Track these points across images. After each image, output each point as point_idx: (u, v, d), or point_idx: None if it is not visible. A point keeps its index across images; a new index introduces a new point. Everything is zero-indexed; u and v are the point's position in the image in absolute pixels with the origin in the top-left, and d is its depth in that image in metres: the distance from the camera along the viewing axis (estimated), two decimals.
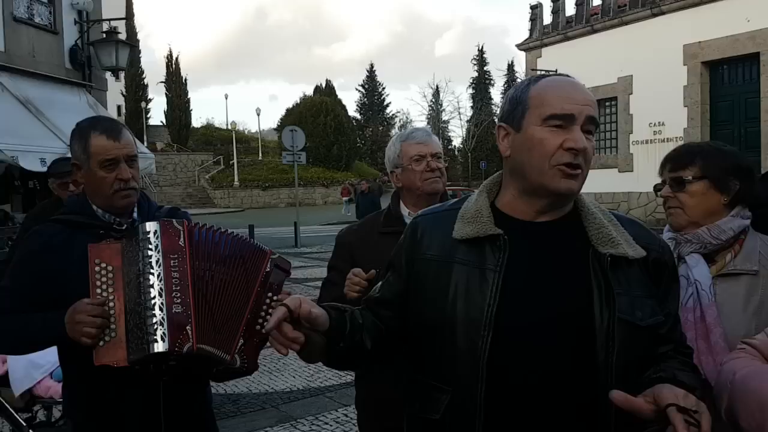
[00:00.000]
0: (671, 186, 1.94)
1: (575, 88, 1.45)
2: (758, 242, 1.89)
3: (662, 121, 16.25)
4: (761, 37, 14.28)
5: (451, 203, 1.66)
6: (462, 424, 1.41)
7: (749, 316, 1.78)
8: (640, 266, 1.45)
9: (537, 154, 1.42)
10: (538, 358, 1.38)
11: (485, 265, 1.44)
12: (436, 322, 1.47)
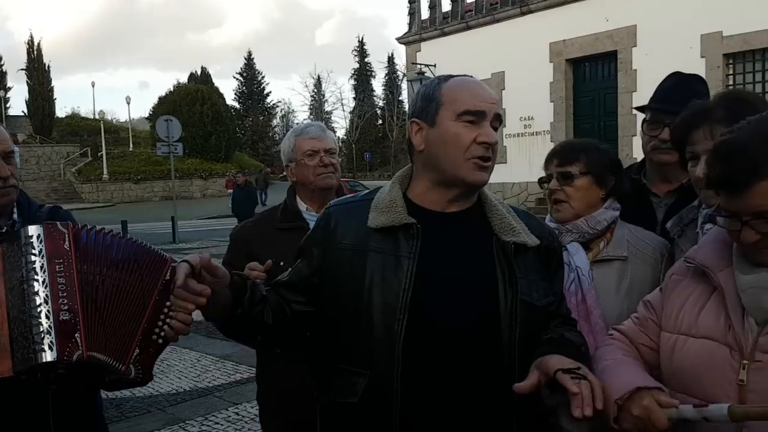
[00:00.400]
0: (558, 180, 2.06)
1: (483, 88, 1.59)
2: (626, 231, 2.08)
3: (531, 116, 17.20)
4: (618, 36, 15.40)
5: (364, 194, 1.73)
6: (379, 405, 1.48)
7: (621, 298, 1.96)
8: (534, 253, 1.60)
9: (452, 148, 1.53)
10: (450, 339, 1.49)
11: (400, 253, 1.53)
12: (352, 309, 1.54)
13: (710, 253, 1.45)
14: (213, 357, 6.35)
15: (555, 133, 16.70)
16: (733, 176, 1.26)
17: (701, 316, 1.42)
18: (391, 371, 1.47)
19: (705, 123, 1.78)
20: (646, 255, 2.03)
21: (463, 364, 1.49)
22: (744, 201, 1.25)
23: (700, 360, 1.36)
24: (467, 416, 1.49)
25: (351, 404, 1.52)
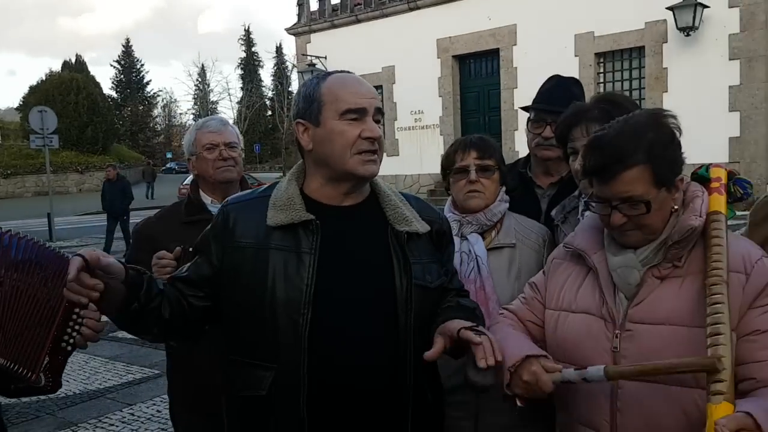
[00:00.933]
0: (478, 171, 2.17)
1: (361, 84, 1.65)
2: (513, 220, 2.27)
3: (421, 110, 17.66)
4: (500, 35, 16.12)
5: (260, 191, 1.76)
6: (287, 397, 1.55)
7: (512, 282, 2.15)
8: (427, 237, 1.72)
9: (339, 145, 1.59)
10: (352, 328, 1.58)
11: (301, 249, 1.59)
12: (256, 306, 1.58)
13: (585, 238, 1.65)
14: (102, 358, 6.11)
15: (444, 127, 17.23)
16: (604, 166, 1.45)
17: (579, 293, 1.61)
18: (297, 364, 1.54)
19: (582, 122, 2.00)
20: (531, 241, 2.23)
21: (365, 350, 1.58)
22: (613, 187, 1.45)
23: (580, 332, 1.56)
24: (369, 401, 1.59)
25: (259, 397, 1.58)
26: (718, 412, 1.22)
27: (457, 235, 2.21)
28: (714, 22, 13.12)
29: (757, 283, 1.41)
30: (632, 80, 14.61)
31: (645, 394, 1.44)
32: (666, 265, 1.49)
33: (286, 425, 1.56)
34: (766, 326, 1.39)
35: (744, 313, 1.40)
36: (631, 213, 1.45)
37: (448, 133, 17.07)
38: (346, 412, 1.58)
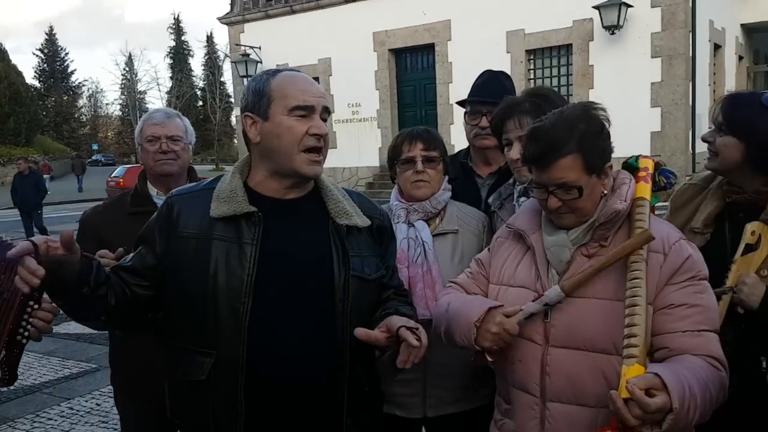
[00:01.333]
0: (424, 162, 2.29)
1: (310, 83, 1.73)
2: (455, 208, 2.41)
3: (359, 102, 17.71)
4: (435, 30, 16.34)
5: (205, 184, 1.82)
6: (226, 382, 1.62)
7: (456, 266, 2.28)
8: (367, 231, 1.81)
9: (287, 140, 1.66)
10: (291, 316, 1.66)
11: (242, 240, 1.65)
12: (198, 294, 1.64)
13: (525, 220, 1.81)
14: (36, 354, 5.95)
15: (381, 120, 17.35)
16: (541, 154, 1.60)
17: (518, 269, 1.77)
18: (237, 351, 1.60)
19: (515, 115, 2.15)
20: (472, 227, 2.38)
21: (303, 338, 1.66)
22: (549, 174, 1.60)
23: (517, 304, 1.69)
24: (306, 388, 1.67)
25: (198, 381, 1.64)
26: (630, 373, 1.37)
27: (404, 222, 2.34)
28: (637, 21, 13.74)
29: (673, 263, 1.58)
30: (560, 77, 15.13)
31: (570, 360, 1.60)
32: (593, 244, 1.65)
33: (224, 409, 1.62)
34: (680, 301, 1.55)
35: (661, 289, 1.56)
36: (565, 197, 1.60)
37: (385, 126, 17.22)
38: (283, 398, 1.65)
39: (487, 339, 1.62)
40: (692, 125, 13.85)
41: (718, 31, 15.78)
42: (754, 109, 1.91)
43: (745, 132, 1.90)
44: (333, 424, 1.71)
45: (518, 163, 2.14)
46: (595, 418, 1.56)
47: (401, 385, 2.28)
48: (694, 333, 1.52)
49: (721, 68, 16.60)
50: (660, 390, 1.33)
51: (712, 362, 1.50)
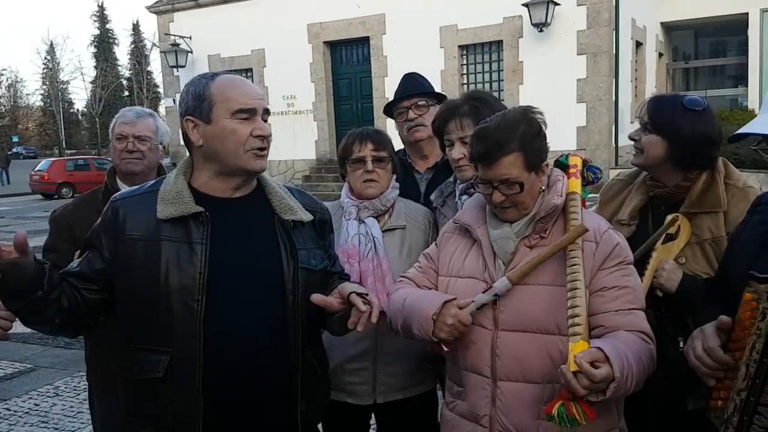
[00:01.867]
0: (374, 162, 2.40)
1: (250, 86, 1.80)
2: (402, 204, 2.54)
3: (294, 95, 17.59)
4: (370, 23, 16.38)
5: (148, 186, 1.86)
6: (184, 377, 1.68)
7: (404, 260, 2.42)
8: (310, 225, 1.91)
9: (232, 143, 1.73)
10: (245, 310, 1.74)
11: (192, 239, 1.72)
12: (150, 295, 1.69)
13: (471, 215, 1.96)
14: None
15: (317, 113, 17.29)
16: (487, 152, 1.76)
17: (466, 261, 1.92)
18: (193, 348, 1.66)
19: (456, 117, 2.30)
20: (419, 223, 2.51)
21: (257, 330, 1.74)
22: (494, 171, 1.76)
23: (467, 293, 1.84)
24: (262, 377, 1.75)
25: (155, 379, 1.69)
26: (577, 349, 1.55)
27: (355, 219, 2.45)
28: (564, 18, 14.22)
29: (604, 250, 1.77)
30: (492, 72, 15.51)
31: (518, 342, 1.77)
32: (534, 236, 1.82)
33: (182, 404, 1.68)
34: (611, 284, 1.75)
35: (594, 274, 1.75)
36: (508, 192, 1.77)
37: (321, 118, 17.20)
38: (239, 389, 1.72)
39: (443, 330, 1.76)
40: (615, 120, 14.49)
41: (639, 29, 16.52)
42: (677, 109, 2.07)
43: (669, 131, 2.07)
44: (288, 409, 1.81)
45: (460, 163, 2.29)
46: (541, 393, 1.74)
47: (352, 373, 2.40)
48: (625, 312, 1.72)
49: (642, 65, 17.41)
50: (603, 362, 1.50)
51: (643, 336, 1.70)
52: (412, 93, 2.85)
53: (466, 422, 1.87)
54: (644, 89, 17.59)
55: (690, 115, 2.06)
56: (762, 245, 1.59)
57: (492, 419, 1.80)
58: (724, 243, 2.01)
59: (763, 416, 1.37)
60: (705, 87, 22.15)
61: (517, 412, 1.76)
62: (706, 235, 2.06)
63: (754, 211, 1.72)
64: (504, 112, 1.83)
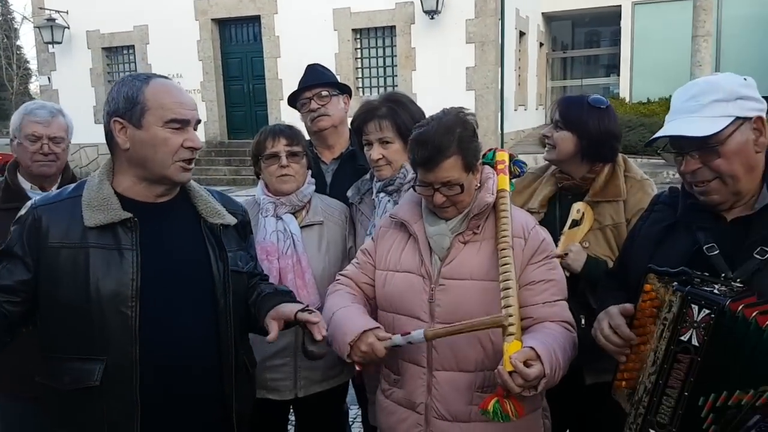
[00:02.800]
0: (288, 157, 2.44)
1: (185, 95, 1.78)
2: (318, 200, 2.59)
3: (180, 74, 16.83)
4: (261, 2, 15.90)
5: (69, 191, 1.80)
6: (120, 384, 1.68)
7: (323, 255, 2.48)
8: (233, 228, 1.94)
9: (162, 151, 1.71)
10: (178, 314, 1.75)
11: (121, 246, 1.70)
12: (81, 304, 1.66)
13: (407, 211, 2.04)
14: None
15: (206, 92, 16.69)
16: (429, 157, 1.82)
17: (403, 256, 1.99)
18: (128, 354, 1.67)
19: (374, 119, 2.38)
20: (335, 218, 2.57)
21: (191, 334, 1.76)
22: (435, 174, 1.84)
23: (404, 287, 1.94)
24: (197, 378, 1.78)
25: (90, 388, 1.67)
26: (511, 349, 1.67)
27: (272, 216, 2.46)
28: (454, 7, 14.53)
29: (532, 246, 1.91)
30: (386, 57, 15.61)
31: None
32: (468, 232, 1.92)
33: (118, 411, 1.68)
34: (539, 278, 1.89)
35: (524, 269, 1.88)
36: (449, 194, 1.86)
37: (210, 99, 16.65)
38: (176, 393, 1.74)
39: (357, 355, 1.83)
40: (501, 108, 15.12)
41: (522, 19, 17.23)
42: (584, 107, 2.33)
43: (578, 127, 2.31)
44: (223, 408, 1.83)
45: (379, 163, 2.36)
46: (474, 380, 1.86)
47: (273, 370, 2.43)
48: (551, 303, 1.88)
49: (525, 54, 18.22)
50: (535, 360, 1.64)
51: (567, 326, 1.86)
52: (313, 83, 2.87)
53: (403, 409, 1.97)
54: (527, 77, 18.47)
55: (595, 113, 2.31)
56: (658, 242, 1.78)
57: (428, 407, 1.91)
58: (623, 228, 2.28)
59: (671, 397, 1.54)
60: (581, 76, 23.62)
61: (451, 399, 1.88)
62: (607, 221, 2.31)
63: (652, 209, 1.91)
64: (439, 117, 1.90)
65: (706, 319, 1.48)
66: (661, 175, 11.19)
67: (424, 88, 14.26)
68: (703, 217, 1.69)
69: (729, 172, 1.61)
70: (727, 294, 1.50)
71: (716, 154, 1.60)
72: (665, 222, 1.80)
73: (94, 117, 17.55)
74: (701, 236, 1.65)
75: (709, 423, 1.48)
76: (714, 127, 1.58)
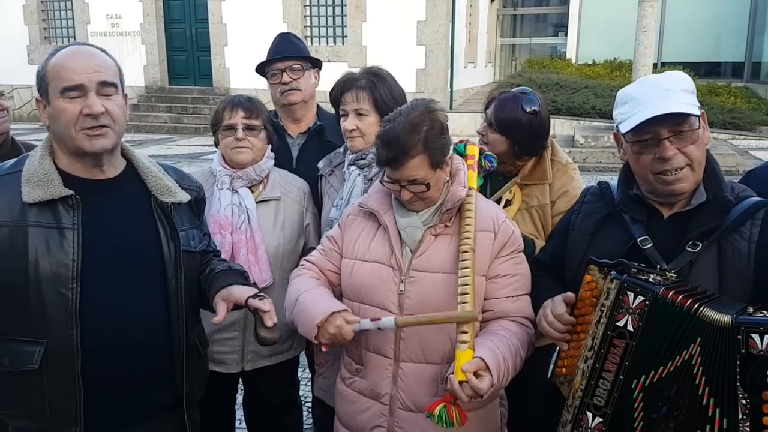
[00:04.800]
0: (245, 130, 2.40)
1: (83, 57, 1.65)
2: (277, 175, 2.55)
3: (119, 14, 16.04)
4: None
5: (8, 166, 1.72)
6: (61, 367, 1.63)
7: (278, 232, 2.46)
8: (187, 205, 1.88)
9: (62, 122, 1.64)
10: (124, 296, 1.70)
11: (62, 225, 1.63)
12: (18, 284, 1.60)
13: (377, 200, 2.01)
14: None
15: (146, 35, 15.95)
16: (394, 158, 1.81)
17: (372, 246, 1.97)
18: (69, 337, 1.61)
19: (353, 89, 2.34)
20: (293, 195, 2.54)
21: (138, 316, 1.71)
22: (401, 173, 1.83)
23: (372, 277, 1.93)
24: (145, 361, 1.73)
25: (30, 371, 1.62)
26: (464, 358, 1.70)
27: (228, 189, 2.42)
28: None
29: (501, 239, 1.92)
30: (336, 6, 15.21)
31: (422, 326, 1.87)
32: (440, 225, 1.91)
33: (61, 395, 1.63)
34: (505, 272, 1.91)
35: (492, 262, 1.90)
36: (416, 191, 1.86)
37: (151, 42, 15.93)
38: (122, 377, 1.69)
39: (324, 337, 1.83)
40: (451, 64, 15.07)
41: None
42: (517, 112, 2.40)
43: (510, 132, 2.42)
44: (174, 393, 1.81)
45: (352, 134, 2.34)
46: (440, 371, 1.87)
47: (221, 343, 2.43)
48: (514, 298, 1.91)
49: (476, 10, 18.10)
50: (485, 370, 1.69)
51: (525, 323, 1.90)
52: (286, 56, 2.81)
53: (365, 399, 1.98)
54: (477, 34, 18.41)
55: (527, 116, 2.40)
56: (592, 234, 1.85)
57: (392, 397, 1.93)
58: (547, 209, 2.44)
59: (607, 380, 1.63)
60: (530, 34, 23.72)
61: (417, 390, 1.90)
62: (534, 202, 2.45)
63: (583, 201, 1.96)
64: (407, 112, 1.87)
65: (640, 305, 1.57)
66: (602, 139, 11.44)
67: (374, 40, 14.06)
68: (640, 210, 1.75)
69: (699, 159, 1.66)
70: (662, 283, 1.59)
71: (692, 139, 1.65)
72: (599, 214, 1.86)
73: (28, 57, 16.64)
74: (636, 229, 1.72)
75: (639, 402, 1.58)
76: (694, 110, 1.63)
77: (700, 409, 1.50)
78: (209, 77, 15.77)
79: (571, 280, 1.85)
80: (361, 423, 1.99)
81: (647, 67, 11.31)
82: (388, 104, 2.28)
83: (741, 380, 1.45)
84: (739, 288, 1.61)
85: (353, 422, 2.03)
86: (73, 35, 16.44)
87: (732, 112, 13.49)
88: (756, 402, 1.44)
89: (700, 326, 1.50)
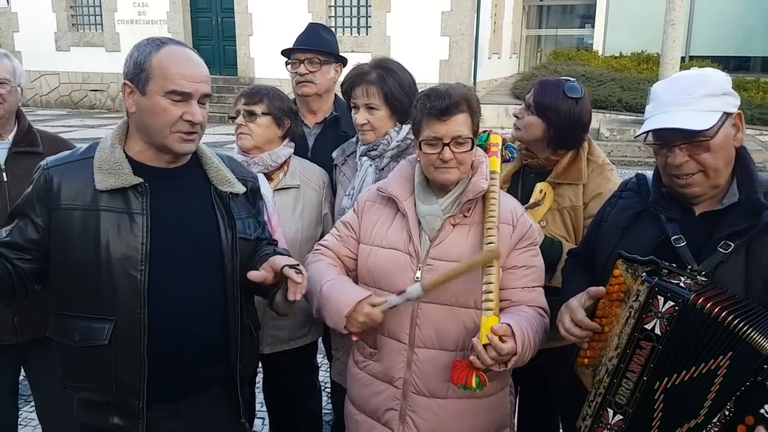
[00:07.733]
0: (245, 116, 2.45)
1: (192, 64, 1.73)
2: (297, 164, 2.58)
3: (146, 2, 16.20)
4: None
5: (81, 152, 1.81)
6: (129, 344, 1.71)
7: (297, 220, 2.49)
8: (243, 195, 1.94)
9: (160, 121, 1.70)
10: (184, 278, 1.77)
11: (132, 210, 1.72)
12: (90, 265, 1.69)
13: (397, 186, 2.03)
14: None
15: (172, 24, 16.11)
16: (447, 107, 1.83)
17: (389, 232, 1.99)
18: (138, 315, 1.70)
19: (363, 83, 2.36)
20: (313, 183, 2.57)
21: (198, 297, 1.79)
22: (448, 126, 1.85)
23: (389, 263, 1.94)
24: (204, 339, 1.80)
25: (100, 346, 1.71)
26: (489, 323, 1.73)
27: None
28: None
29: (520, 232, 1.94)
30: None
31: (438, 313, 1.91)
32: (459, 215, 1.93)
33: (126, 369, 1.72)
34: (521, 263, 1.93)
35: (509, 253, 1.92)
36: (458, 150, 1.87)
37: (177, 31, 16.05)
38: (182, 353, 1.78)
39: (354, 326, 1.86)
40: (475, 55, 14.97)
41: None
42: (558, 96, 2.30)
43: (549, 116, 2.30)
44: (229, 369, 1.88)
45: (363, 128, 2.37)
46: (454, 358, 1.88)
47: None
48: (530, 289, 1.93)
49: (501, 1, 17.95)
50: (509, 337, 1.71)
51: (541, 312, 1.92)
52: (308, 48, 2.82)
53: (379, 382, 2.01)
54: (502, 25, 18.26)
55: (568, 103, 2.30)
56: (625, 228, 1.84)
57: (406, 381, 1.95)
58: (579, 211, 2.33)
59: (630, 380, 1.64)
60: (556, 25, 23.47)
61: (431, 375, 1.92)
62: (566, 203, 2.34)
63: (620, 195, 1.96)
64: (449, 86, 1.92)
65: (670, 310, 1.56)
66: (629, 132, 11.31)
67: (398, 31, 14.01)
68: (673, 208, 1.74)
69: (713, 166, 1.65)
70: (692, 288, 1.57)
71: (704, 148, 1.64)
72: (634, 209, 1.85)
73: (56, 44, 16.87)
74: (670, 227, 1.71)
75: (659, 402, 1.59)
76: (709, 122, 1.62)
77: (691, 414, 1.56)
78: (234, 66, 15.88)
79: (600, 271, 1.86)
80: (375, 405, 2.02)
81: (675, 60, 11.14)
82: (398, 97, 2.32)
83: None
84: (764, 291, 1.59)
85: (366, 405, 2.05)
86: (101, 23, 16.66)
87: (760, 107, 13.21)
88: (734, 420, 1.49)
89: (735, 342, 1.49)
